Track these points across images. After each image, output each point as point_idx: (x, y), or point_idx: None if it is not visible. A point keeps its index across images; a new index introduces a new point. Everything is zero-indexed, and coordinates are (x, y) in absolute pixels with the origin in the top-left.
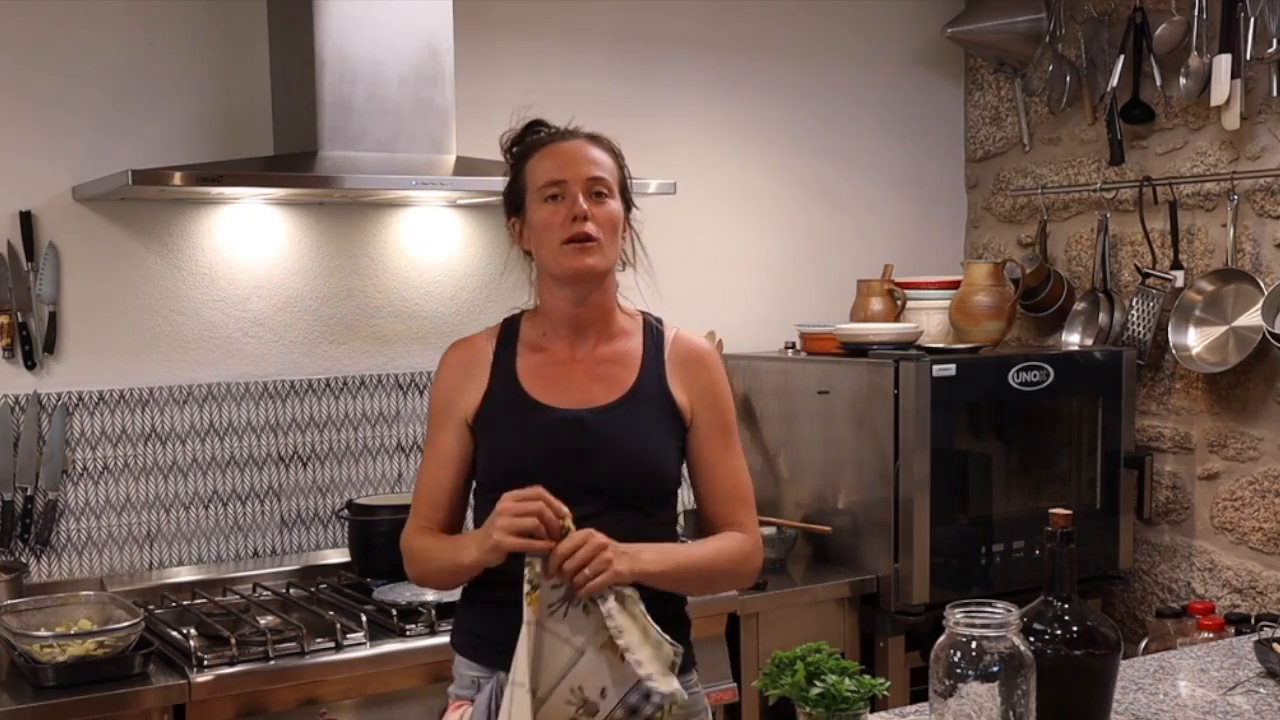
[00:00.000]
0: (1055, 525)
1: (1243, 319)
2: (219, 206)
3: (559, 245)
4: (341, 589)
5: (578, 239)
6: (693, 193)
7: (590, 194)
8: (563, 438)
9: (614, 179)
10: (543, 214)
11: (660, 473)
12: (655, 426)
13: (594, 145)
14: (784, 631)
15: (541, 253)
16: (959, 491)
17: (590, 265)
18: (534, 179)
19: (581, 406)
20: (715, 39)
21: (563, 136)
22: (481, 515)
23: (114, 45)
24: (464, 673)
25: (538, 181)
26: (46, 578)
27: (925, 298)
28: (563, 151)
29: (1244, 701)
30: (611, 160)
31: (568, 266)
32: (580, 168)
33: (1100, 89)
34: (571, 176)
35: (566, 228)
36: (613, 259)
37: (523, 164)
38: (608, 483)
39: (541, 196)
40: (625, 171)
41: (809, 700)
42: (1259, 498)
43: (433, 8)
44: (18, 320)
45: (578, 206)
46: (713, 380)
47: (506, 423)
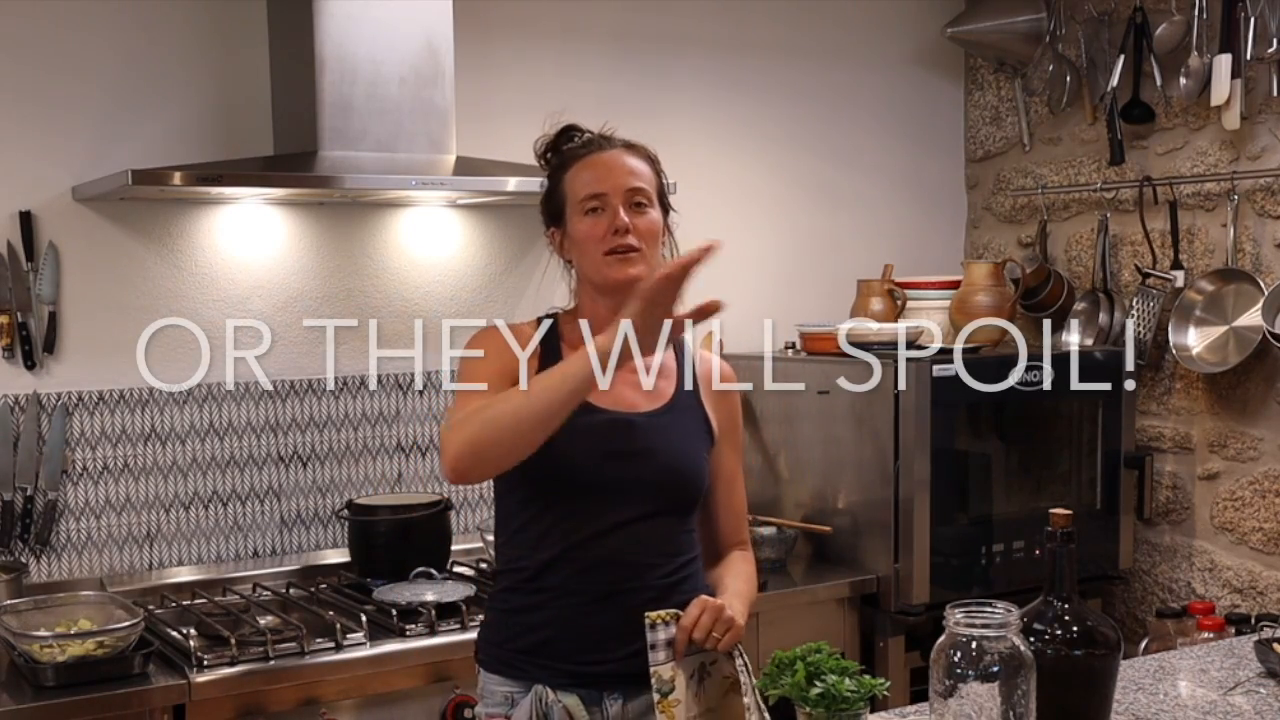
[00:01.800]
0: (1055, 525)
1: (1243, 319)
2: (219, 206)
3: (601, 256)
4: (341, 589)
5: (619, 250)
6: (693, 193)
7: (630, 205)
8: (615, 439)
9: (652, 187)
10: (584, 226)
11: (701, 480)
12: (695, 436)
13: (631, 154)
14: (784, 631)
15: (584, 263)
16: (959, 491)
17: (633, 275)
18: (573, 191)
19: (629, 410)
20: (715, 39)
21: (599, 146)
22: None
23: (114, 45)
24: (494, 689)
25: (578, 194)
26: (46, 578)
27: (925, 298)
28: (601, 163)
29: (1244, 702)
30: (649, 168)
31: (610, 277)
32: (620, 179)
33: (1100, 89)
34: (611, 189)
35: (608, 240)
36: (654, 268)
37: (560, 175)
38: (654, 487)
39: (582, 209)
40: (663, 177)
41: (809, 700)
42: (1259, 498)
43: (432, 8)
44: (18, 320)
45: (619, 219)
46: (734, 400)
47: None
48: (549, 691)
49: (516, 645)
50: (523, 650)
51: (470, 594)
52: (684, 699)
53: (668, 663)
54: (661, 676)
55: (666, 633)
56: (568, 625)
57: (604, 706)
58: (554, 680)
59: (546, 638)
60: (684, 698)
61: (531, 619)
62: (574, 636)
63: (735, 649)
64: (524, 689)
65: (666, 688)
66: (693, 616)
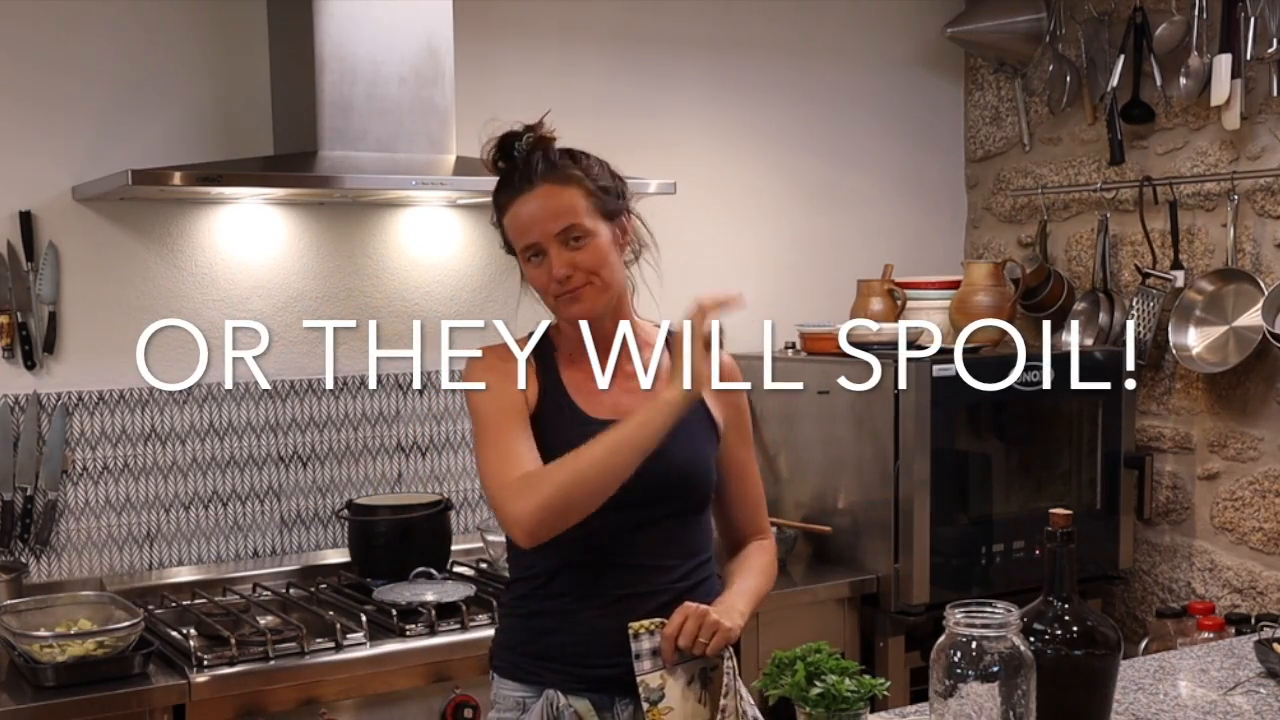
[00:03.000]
0: (1055, 525)
1: (1243, 319)
2: (219, 206)
3: (553, 300)
4: (341, 589)
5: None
6: (693, 193)
7: (566, 243)
8: None
9: (588, 212)
10: (530, 272)
11: (707, 481)
12: (697, 437)
13: (555, 189)
14: (784, 631)
15: (544, 300)
16: (959, 491)
17: (585, 310)
18: (513, 240)
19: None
20: (715, 39)
21: (520, 188)
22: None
23: (114, 45)
24: (506, 694)
25: (517, 244)
26: (46, 578)
27: (925, 298)
28: (524, 216)
29: (1244, 702)
30: (579, 192)
31: (566, 315)
32: (545, 227)
33: (1100, 89)
34: (540, 236)
35: (553, 287)
36: (614, 285)
37: (501, 218)
38: (658, 490)
39: (524, 257)
40: (601, 186)
41: (809, 700)
42: (1259, 498)
43: (433, 8)
44: (18, 320)
45: (556, 269)
46: (738, 391)
47: (559, 435)
48: (560, 696)
49: (529, 650)
50: (535, 655)
51: (470, 594)
52: (677, 706)
53: (654, 671)
54: (649, 685)
55: (651, 641)
56: (579, 630)
57: (615, 711)
58: (566, 685)
59: (558, 642)
60: (677, 705)
61: (544, 624)
62: (585, 641)
63: (726, 651)
64: (536, 694)
65: (655, 695)
66: (676, 624)
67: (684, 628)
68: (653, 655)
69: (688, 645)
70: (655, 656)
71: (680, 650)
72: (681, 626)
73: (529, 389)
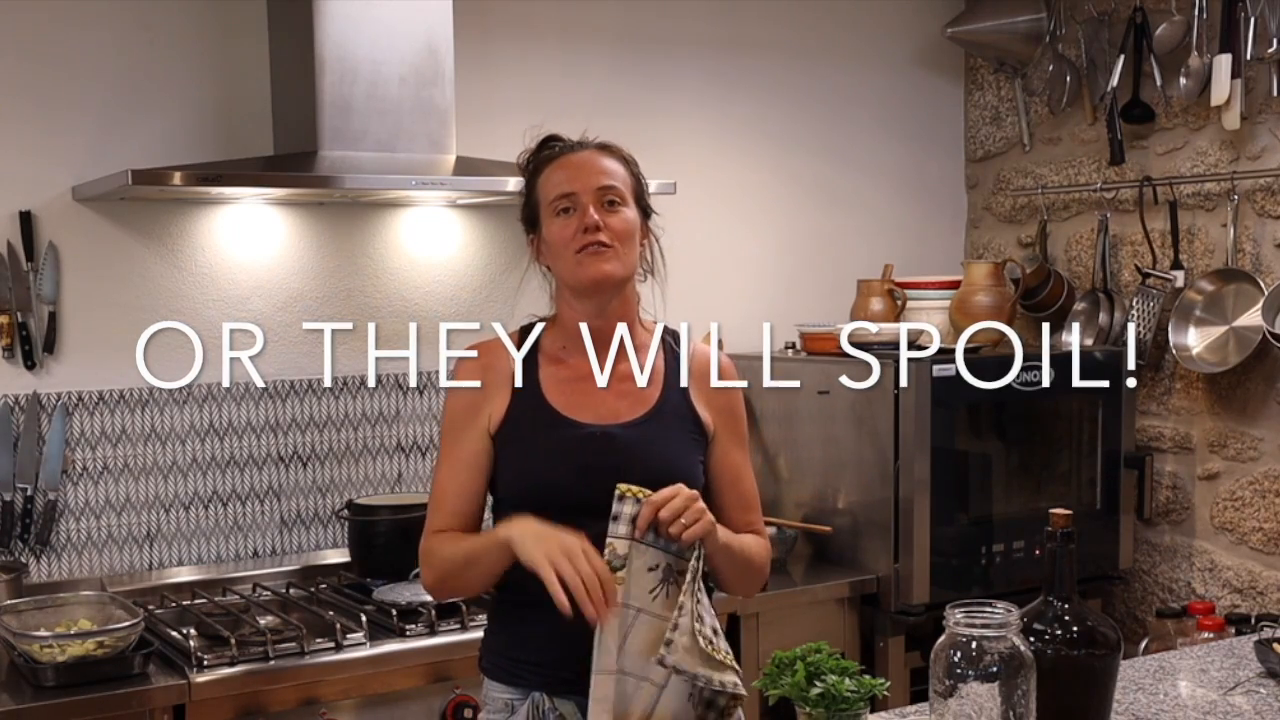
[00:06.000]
0: (1055, 525)
1: (1243, 319)
2: (219, 206)
3: (573, 255)
4: (341, 589)
5: (590, 246)
6: (693, 193)
7: (601, 203)
8: (592, 454)
9: (627, 187)
10: (555, 227)
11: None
12: (682, 441)
13: (604, 155)
14: (784, 631)
15: (558, 266)
16: (959, 491)
17: (607, 272)
18: (545, 193)
19: (608, 422)
20: (715, 39)
21: (572, 149)
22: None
23: (114, 45)
24: (496, 696)
25: (549, 195)
26: (46, 578)
27: (925, 298)
28: (571, 163)
29: (1244, 702)
30: (624, 169)
31: (584, 275)
32: (590, 178)
33: (1100, 89)
34: (581, 188)
35: (579, 238)
36: (630, 266)
37: (534, 180)
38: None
39: (554, 210)
40: (641, 179)
41: (809, 700)
42: (1259, 498)
43: (433, 8)
44: (18, 320)
45: (589, 217)
46: (732, 393)
47: (533, 438)
48: (545, 698)
49: (515, 653)
50: (521, 658)
51: None
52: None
53: (625, 539)
54: (615, 550)
55: (634, 508)
56: (564, 634)
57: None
58: (551, 687)
59: (544, 646)
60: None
61: (529, 628)
62: (570, 645)
63: (696, 550)
64: (523, 695)
65: (618, 563)
66: (665, 495)
67: (672, 502)
68: (630, 523)
69: (667, 519)
70: (631, 525)
71: (656, 528)
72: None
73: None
